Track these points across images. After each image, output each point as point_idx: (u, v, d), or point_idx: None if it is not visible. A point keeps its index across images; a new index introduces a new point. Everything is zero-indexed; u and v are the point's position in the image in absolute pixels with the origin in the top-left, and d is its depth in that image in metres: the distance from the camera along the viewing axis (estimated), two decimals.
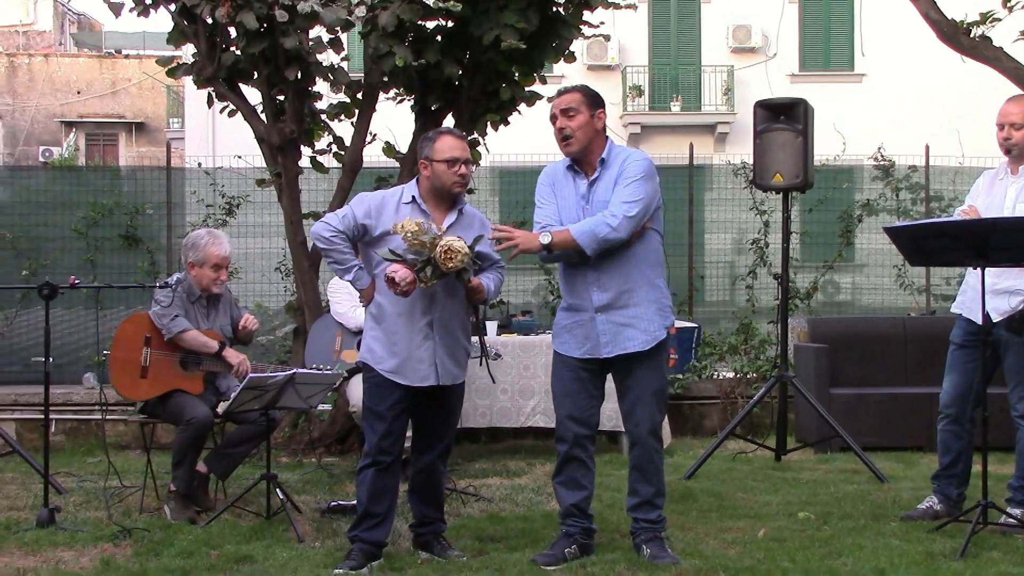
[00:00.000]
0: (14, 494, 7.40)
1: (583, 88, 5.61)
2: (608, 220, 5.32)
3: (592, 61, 24.49)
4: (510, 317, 9.53)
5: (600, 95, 5.62)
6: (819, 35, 25.37)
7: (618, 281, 5.43)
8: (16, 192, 11.77)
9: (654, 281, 5.51)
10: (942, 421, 6.48)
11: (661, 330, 5.49)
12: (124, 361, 6.69)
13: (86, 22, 42.91)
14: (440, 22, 8.25)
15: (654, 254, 5.54)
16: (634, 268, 5.45)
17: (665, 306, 5.55)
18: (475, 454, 8.82)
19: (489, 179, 11.85)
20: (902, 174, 11.72)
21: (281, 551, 5.69)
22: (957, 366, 6.40)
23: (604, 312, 5.45)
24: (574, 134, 5.49)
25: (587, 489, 5.59)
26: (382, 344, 5.46)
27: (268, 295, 10.85)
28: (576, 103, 5.50)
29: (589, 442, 5.59)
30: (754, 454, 8.58)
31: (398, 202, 5.52)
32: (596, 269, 5.44)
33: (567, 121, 5.50)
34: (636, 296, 5.45)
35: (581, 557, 5.48)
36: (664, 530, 5.58)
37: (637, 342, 5.44)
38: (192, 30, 8.39)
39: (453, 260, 5.24)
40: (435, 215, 5.51)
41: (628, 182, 5.40)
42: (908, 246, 6.06)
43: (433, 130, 5.77)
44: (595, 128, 5.52)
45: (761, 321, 10.73)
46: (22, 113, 34.77)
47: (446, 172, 5.47)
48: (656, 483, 5.54)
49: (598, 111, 5.54)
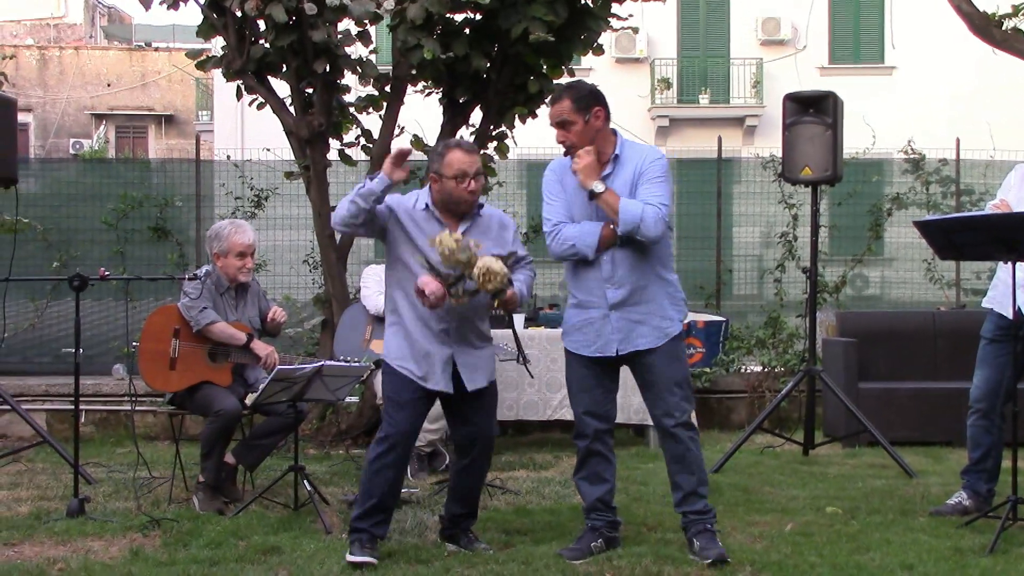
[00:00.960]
0: (44, 484, 7.45)
1: (571, 92, 5.46)
2: (657, 222, 5.24)
3: (620, 54, 24.44)
4: (537, 310, 9.52)
5: (592, 91, 5.47)
6: (849, 27, 25.24)
7: (633, 277, 5.38)
8: (47, 184, 11.84)
9: (665, 276, 5.47)
10: (972, 416, 6.43)
11: (674, 325, 5.44)
12: (153, 352, 6.72)
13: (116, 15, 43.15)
14: (468, 15, 8.25)
15: (665, 248, 5.49)
16: (647, 264, 5.40)
17: (678, 299, 5.50)
18: (502, 447, 8.81)
19: (517, 171, 11.85)
20: (932, 168, 11.64)
21: (309, 542, 5.71)
22: (988, 360, 6.36)
23: (618, 309, 5.41)
24: (574, 144, 5.41)
25: (609, 482, 5.57)
26: (400, 343, 5.45)
27: (296, 287, 10.87)
28: (566, 113, 5.39)
29: (608, 435, 5.57)
30: (782, 448, 8.55)
31: (414, 205, 5.46)
32: (610, 265, 5.38)
33: (564, 134, 5.43)
34: (648, 292, 5.41)
35: (607, 551, 5.47)
36: (714, 521, 5.49)
37: (648, 339, 5.41)
38: (221, 23, 8.42)
39: (492, 282, 5.18)
40: (448, 222, 5.44)
41: (656, 182, 5.33)
42: (938, 240, 6.02)
43: (443, 142, 5.70)
44: (594, 129, 5.41)
45: (789, 315, 10.69)
46: (53, 106, 35.00)
47: (456, 188, 5.39)
48: (697, 472, 5.48)
49: (593, 110, 5.39)
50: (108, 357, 10.55)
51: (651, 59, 24.96)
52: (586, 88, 5.50)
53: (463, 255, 5.14)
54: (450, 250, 5.14)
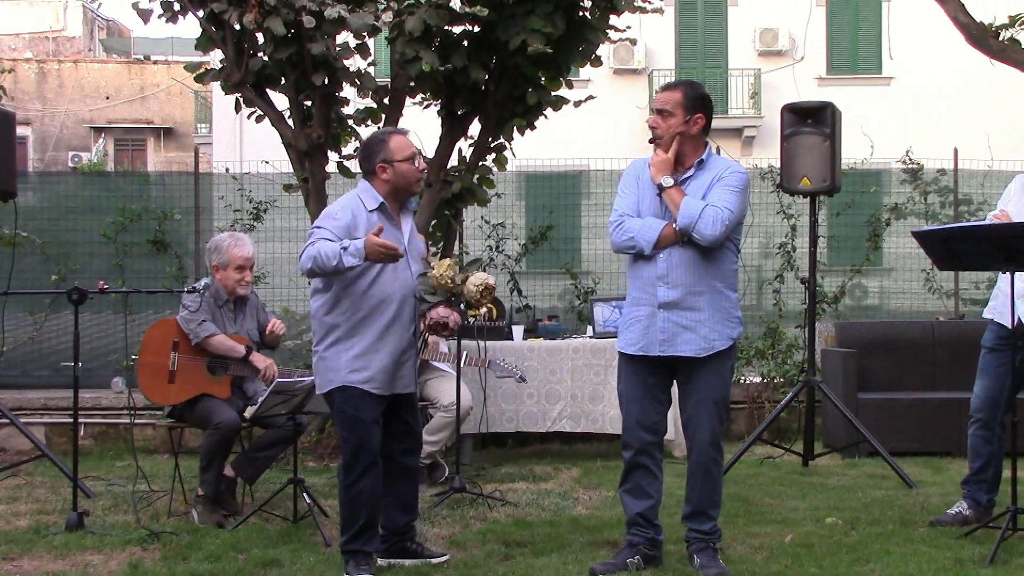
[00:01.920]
0: (43, 498, 7.44)
1: (685, 88, 5.41)
2: (716, 223, 5.17)
3: (619, 65, 24.47)
4: (536, 322, 9.53)
5: (704, 97, 5.39)
6: (847, 38, 25.27)
7: (689, 280, 5.27)
8: (45, 197, 11.83)
9: (723, 290, 5.34)
10: (972, 426, 6.43)
11: (723, 339, 5.31)
12: (152, 366, 6.73)
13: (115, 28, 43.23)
14: (466, 27, 8.27)
15: (729, 265, 5.37)
16: (705, 271, 5.28)
17: (733, 316, 5.36)
18: (501, 458, 8.82)
19: (515, 183, 11.84)
20: (930, 177, 11.64)
21: (308, 555, 5.71)
22: (988, 370, 6.36)
23: (668, 309, 5.29)
24: (663, 136, 5.37)
25: (653, 498, 5.42)
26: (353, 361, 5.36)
27: (295, 300, 10.86)
28: (671, 105, 5.34)
29: (656, 449, 5.44)
30: (781, 459, 8.54)
31: (365, 212, 5.40)
32: (667, 264, 5.28)
33: (659, 120, 5.37)
34: (703, 300, 5.28)
35: (645, 568, 5.34)
36: (718, 542, 5.43)
37: (693, 347, 5.28)
38: (220, 36, 8.43)
39: (487, 296, 5.26)
40: (397, 219, 5.48)
41: (730, 189, 5.27)
42: (937, 250, 6.02)
43: (377, 133, 5.74)
44: (688, 132, 5.34)
45: (788, 325, 10.68)
46: (51, 119, 35.03)
47: (410, 170, 5.45)
48: (712, 494, 5.40)
49: (695, 115, 5.33)
50: (107, 370, 10.55)
51: (649, 70, 24.99)
52: (701, 91, 5.43)
53: (459, 278, 5.23)
54: (450, 278, 5.26)
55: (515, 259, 10.79)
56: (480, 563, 5.56)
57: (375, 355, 5.36)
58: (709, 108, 5.40)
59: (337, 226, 5.30)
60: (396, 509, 5.60)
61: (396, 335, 5.40)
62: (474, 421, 8.26)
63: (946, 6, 9.94)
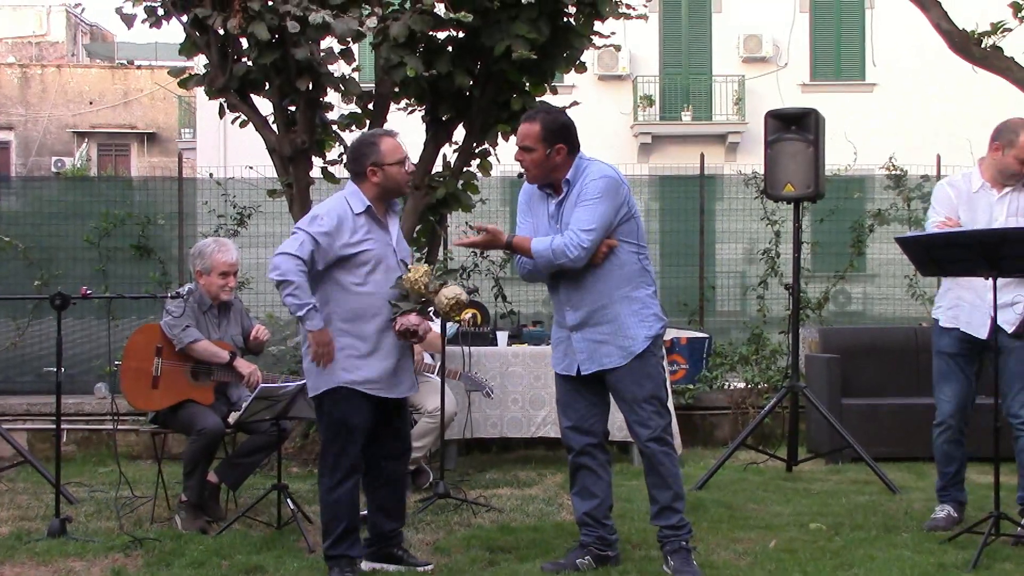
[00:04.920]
0: (25, 504, 7.42)
1: (542, 119, 5.40)
2: (568, 249, 5.24)
3: (603, 71, 24.51)
4: (521, 327, 9.53)
5: (561, 127, 5.38)
6: (830, 45, 25.37)
7: (589, 299, 5.38)
8: (28, 202, 11.79)
9: (631, 294, 5.40)
10: (944, 434, 6.51)
11: (637, 343, 5.37)
12: (135, 371, 6.71)
13: (98, 33, 43.10)
14: (451, 33, 8.27)
15: (629, 267, 5.41)
16: (604, 284, 5.36)
17: (647, 315, 5.41)
18: (485, 464, 8.81)
19: (500, 189, 11.83)
20: (914, 184, 11.67)
21: (292, 561, 5.70)
22: (953, 376, 6.43)
23: (579, 330, 5.42)
24: (529, 169, 5.44)
25: (598, 497, 5.53)
26: (356, 363, 5.39)
27: (279, 305, 10.78)
28: (531, 141, 5.36)
29: (597, 450, 5.54)
30: (765, 465, 8.56)
31: (352, 215, 5.41)
32: (567, 288, 5.42)
33: (523, 155, 5.41)
34: (610, 312, 5.37)
35: (597, 568, 5.44)
36: (689, 538, 5.45)
37: (614, 358, 5.39)
38: (204, 41, 8.41)
39: (456, 311, 5.37)
40: (384, 221, 5.51)
41: (584, 204, 5.30)
42: (919, 256, 6.05)
43: (369, 135, 5.75)
44: (552, 163, 5.37)
45: (772, 331, 10.70)
46: (34, 124, 34.92)
47: (399, 172, 5.47)
48: (672, 486, 5.43)
49: (556, 146, 5.34)
50: (90, 376, 10.51)
51: (633, 76, 25.03)
52: (558, 122, 5.41)
53: (432, 285, 5.29)
54: (424, 284, 5.32)
55: (499, 265, 10.80)
56: (464, 569, 5.56)
57: (372, 356, 5.39)
58: (568, 134, 5.40)
59: (319, 231, 5.31)
60: (380, 514, 5.60)
61: (391, 337, 5.42)
62: (458, 427, 8.26)
63: (929, 13, 9.97)
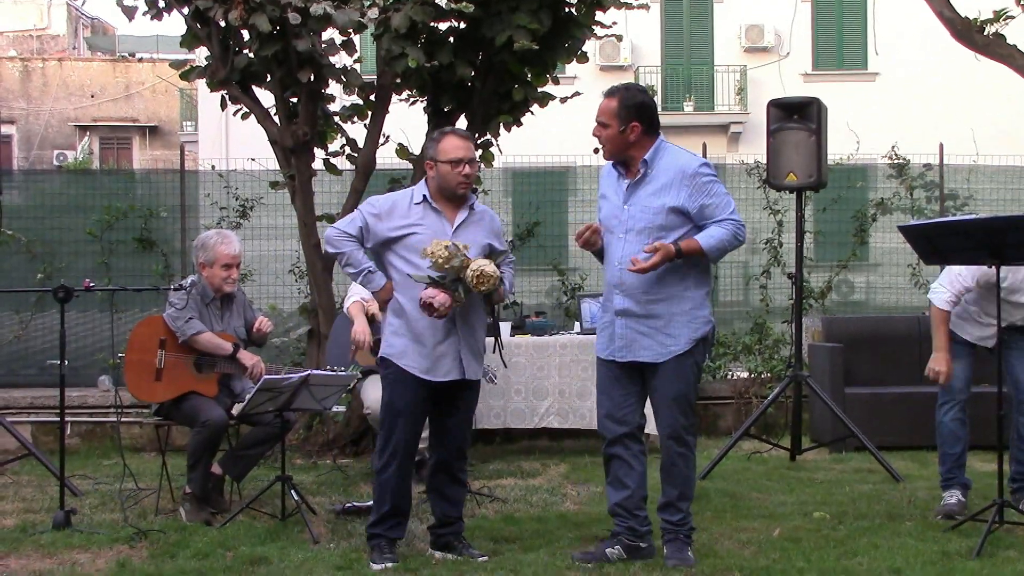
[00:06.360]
0: (30, 497, 7.43)
1: (621, 96, 5.38)
2: (737, 237, 5.34)
3: (604, 62, 24.47)
4: (524, 318, 9.52)
5: (638, 105, 5.36)
6: (832, 34, 25.33)
7: (641, 286, 5.32)
8: (31, 196, 11.79)
9: (684, 293, 5.34)
10: (951, 411, 6.48)
11: (682, 343, 5.33)
12: (139, 363, 6.71)
13: (100, 26, 43.04)
14: (452, 23, 8.26)
15: (694, 264, 5.36)
16: (662, 276, 5.29)
17: (697, 317, 5.36)
18: (489, 455, 8.82)
19: (502, 180, 11.84)
20: (916, 173, 11.66)
21: (296, 552, 5.70)
22: (960, 353, 6.46)
23: (624, 317, 5.38)
24: (604, 145, 5.44)
25: (630, 488, 5.48)
26: (405, 340, 5.47)
27: (282, 297, 10.85)
28: (607, 116, 5.37)
29: (631, 440, 5.50)
30: (769, 454, 8.56)
31: (409, 203, 5.54)
32: (621, 271, 5.35)
33: (599, 130, 5.42)
34: (660, 307, 5.32)
35: (627, 558, 5.41)
36: (688, 531, 5.46)
37: (650, 353, 5.36)
38: (205, 33, 8.41)
39: (485, 284, 5.32)
40: (446, 213, 5.53)
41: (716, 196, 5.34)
42: (923, 245, 6.05)
43: (438, 130, 5.79)
44: (627, 140, 5.35)
45: (775, 321, 10.70)
46: (36, 117, 34.90)
47: (451, 173, 5.48)
48: (680, 486, 5.43)
49: (631, 123, 5.32)
50: (94, 369, 10.52)
51: (635, 67, 25.00)
52: (636, 100, 5.39)
53: (456, 260, 5.24)
54: (443, 258, 5.26)
55: None
56: (469, 559, 5.56)
57: (412, 336, 5.45)
58: (645, 113, 5.38)
59: (370, 212, 5.52)
60: (445, 503, 5.67)
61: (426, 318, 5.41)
62: None
63: (931, 1, 9.95)
